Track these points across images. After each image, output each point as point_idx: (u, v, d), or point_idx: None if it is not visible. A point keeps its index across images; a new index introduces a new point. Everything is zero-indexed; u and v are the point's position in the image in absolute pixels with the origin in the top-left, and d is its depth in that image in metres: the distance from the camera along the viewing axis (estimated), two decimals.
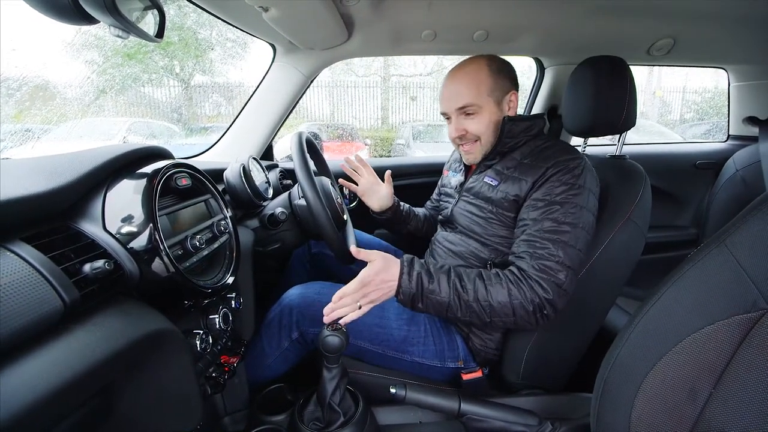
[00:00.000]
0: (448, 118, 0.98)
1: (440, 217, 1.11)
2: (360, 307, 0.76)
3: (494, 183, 0.92)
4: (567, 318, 0.86)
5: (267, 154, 1.54)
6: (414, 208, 1.30)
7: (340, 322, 0.75)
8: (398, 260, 0.79)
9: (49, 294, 0.44)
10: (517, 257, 0.82)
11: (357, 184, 1.18)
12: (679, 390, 0.48)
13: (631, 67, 0.97)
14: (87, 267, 0.50)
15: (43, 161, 0.61)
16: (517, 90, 0.95)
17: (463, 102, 0.92)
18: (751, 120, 1.78)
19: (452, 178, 1.13)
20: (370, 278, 0.76)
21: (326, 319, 0.75)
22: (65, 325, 0.46)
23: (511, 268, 0.80)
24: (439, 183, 1.27)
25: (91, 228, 0.57)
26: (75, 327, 0.46)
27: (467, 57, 0.96)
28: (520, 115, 0.96)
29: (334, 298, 0.77)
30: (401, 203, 1.24)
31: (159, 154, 0.74)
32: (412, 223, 1.26)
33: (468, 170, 1.08)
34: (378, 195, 1.17)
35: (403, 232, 1.27)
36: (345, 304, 0.76)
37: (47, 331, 0.44)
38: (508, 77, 0.94)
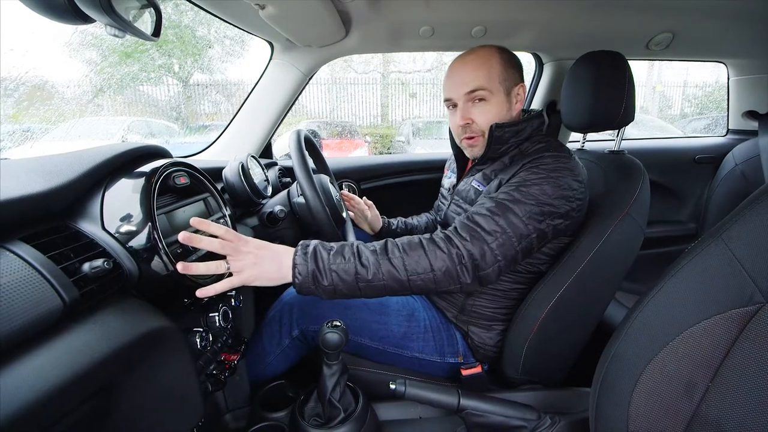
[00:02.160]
0: (453, 106, 0.92)
1: (438, 218, 1.11)
2: (226, 277, 0.65)
3: (481, 188, 0.90)
4: (566, 313, 0.86)
5: (266, 152, 1.54)
6: (414, 219, 1.32)
7: (198, 293, 0.63)
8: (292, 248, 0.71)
9: (48, 293, 0.45)
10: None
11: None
12: (677, 383, 0.48)
13: (630, 61, 0.97)
14: (86, 266, 0.51)
15: (42, 161, 0.61)
16: (524, 83, 0.92)
17: (475, 85, 0.86)
18: (751, 114, 1.78)
19: (447, 179, 1.13)
20: (249, 241, 0.68)
21: (181, 238, 0.60)
22: (65, 324, 0.46)
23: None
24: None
25: (89, 227, 0.57)
26: (75, 326, 0.47)
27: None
28: (529, 114, 0.93)
29: (194, 222, 0.63)
30: (392, 221, 1.29)
31: (157, 153, 0.74)
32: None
33: (461, 172, 1.08)
34: (368, 220, 1.24)
35: None
36: (209, 245, 0.63)
37: (47, 330, 0.44)
38: (516, 69, 0.90)
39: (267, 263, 0.67)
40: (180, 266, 0.60)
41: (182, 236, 0.60)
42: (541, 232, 0.77)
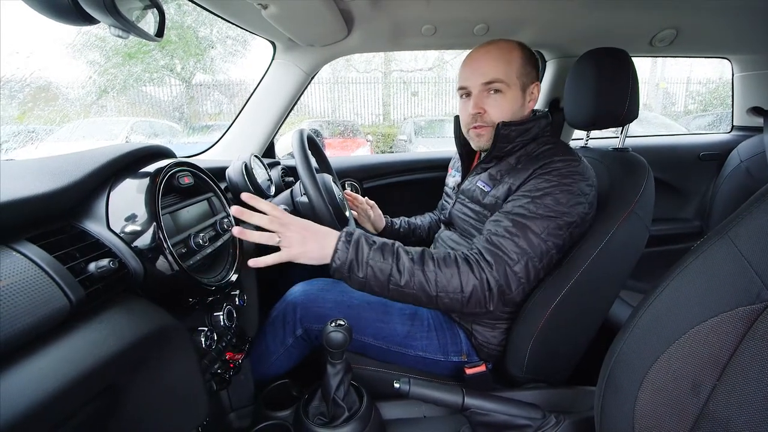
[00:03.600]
0: (466, 95, 0.92)
1: (442, 216, 1.11)
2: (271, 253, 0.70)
3: (487, 189, 0.90)
4: (570, 311, 0.86)
5: (269, 151, 1.54)
6: (417, 218, 1.32)
7: (249, 263, 0.69)
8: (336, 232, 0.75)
9: (55, 293, 0.45)
10: (480, 235, 0.81)
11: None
12: (683, 382, 0.48)
13: (634, 58, 0.97)
14: (92, 266, 0.51)
15: (47, 162, 0.61)
16: (539, 84, 0.92)
17: (493, 76, 0.86)
18: (756, 110, 1.76)
19: (451, 178, 1.13)
20: (292, 219, 0.72)
21: (233, 211, 0.68)
22: (71, 324, 0.46)
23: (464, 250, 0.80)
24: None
25: (95, 227, 0.57)
26: (81, 325, 0.47)
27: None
28: (535, 113, 0.93)
29: (245, 197, 0.71)
30: (395, 221, 1.29)
31: (161, 153, 0.75)
32: (414, 237, 1.29)
33: (466, 171, 1.07)
34: (371, 219, 1.25)
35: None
36: (258, 220, 0.69)
37: (54, 329, 0.44)
38: (534, 67, 0.90)
39: (311, 242, 0.71)
40: (236, 230, 0.67)
41: (235, 209, 0.67)
42: (560, 246, 0.80)
